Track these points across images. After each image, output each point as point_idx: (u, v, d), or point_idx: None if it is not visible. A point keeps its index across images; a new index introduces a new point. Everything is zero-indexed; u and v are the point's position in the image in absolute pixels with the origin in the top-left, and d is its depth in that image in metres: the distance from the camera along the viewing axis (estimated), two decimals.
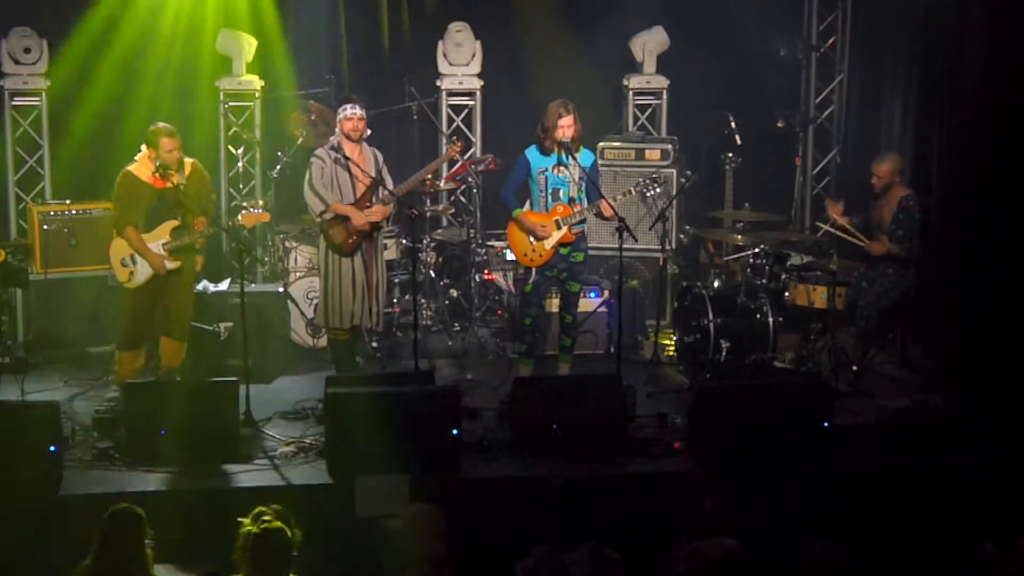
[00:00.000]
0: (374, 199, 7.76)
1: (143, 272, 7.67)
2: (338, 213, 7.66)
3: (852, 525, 6.04)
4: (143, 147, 7.67)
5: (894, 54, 9.44)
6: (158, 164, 7.57)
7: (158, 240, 7.65)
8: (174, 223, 7.69)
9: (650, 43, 10.05)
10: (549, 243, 7.80)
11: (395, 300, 9.27)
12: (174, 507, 6.14)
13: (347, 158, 7.70)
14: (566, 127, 7.67)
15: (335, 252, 7.76)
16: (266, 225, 9.29)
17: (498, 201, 8.19)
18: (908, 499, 6.52)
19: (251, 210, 8.24)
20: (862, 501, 6.45)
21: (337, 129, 7.78)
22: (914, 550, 5.94)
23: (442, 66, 9.98)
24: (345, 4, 10.08)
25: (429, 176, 9.32)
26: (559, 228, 7.78)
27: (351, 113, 7.72)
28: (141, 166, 7.65)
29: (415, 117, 9.57)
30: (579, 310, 8.28)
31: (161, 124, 7.66)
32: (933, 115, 8.61)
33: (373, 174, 7.75)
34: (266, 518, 4.73)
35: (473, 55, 9.96)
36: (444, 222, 9.83)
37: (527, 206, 7.90)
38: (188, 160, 7.78)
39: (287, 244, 9.06)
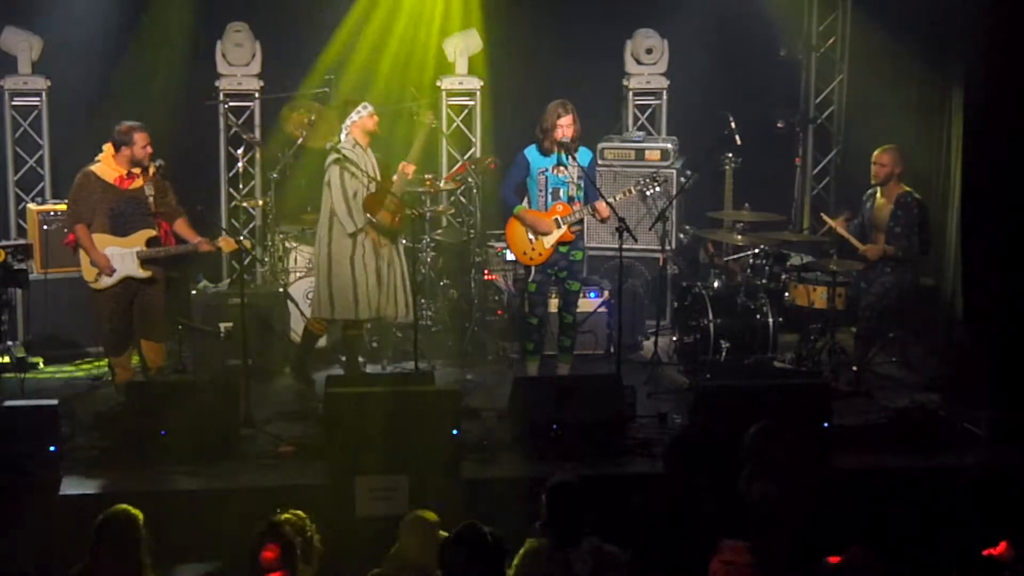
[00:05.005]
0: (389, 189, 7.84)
1: (115, 274, 7.62)
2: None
3: (853, 526, 6.05)
4: (104, 146, 7.61)
5: (894, 54, 9.43)
6: (131, 163, 7.53)
7: (132, 247, 7.59)
8: (151, 233, 7.64)
9: (647, 42, 10.05)
10: (548, 241, 7.81)
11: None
12: (174, 507, 6.15)
13: (364, 152, 7.83)
14: (565, 127, 7.68)
15: (384, 235, 7.82)
16: (266, 225, 9.29)
17: (498, 199, 8.21)
18: (908, 499, 6.51)
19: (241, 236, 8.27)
20: (862, 501, 6.44)
21: (352, 130, 7.80)
22: (918, 551, 5.93)
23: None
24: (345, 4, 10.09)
25: (428, 177, 9.35)
26: (559, 227, 7.79)
27: (372, 111, 7.84)
28: (105, 167, 7.58)
29: (415, 117, 9.57)
30: (579, 310, 8.29)
31: (130, 122, 7.57)
32: (933, 114, 8.61)
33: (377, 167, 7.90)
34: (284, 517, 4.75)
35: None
36: (444, 222, 9.83)
37: (526, 204, 7.90)
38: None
39: (287, 244, 9.06)
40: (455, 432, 6.58)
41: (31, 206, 9.14)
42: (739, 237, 8.74)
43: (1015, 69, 7.55)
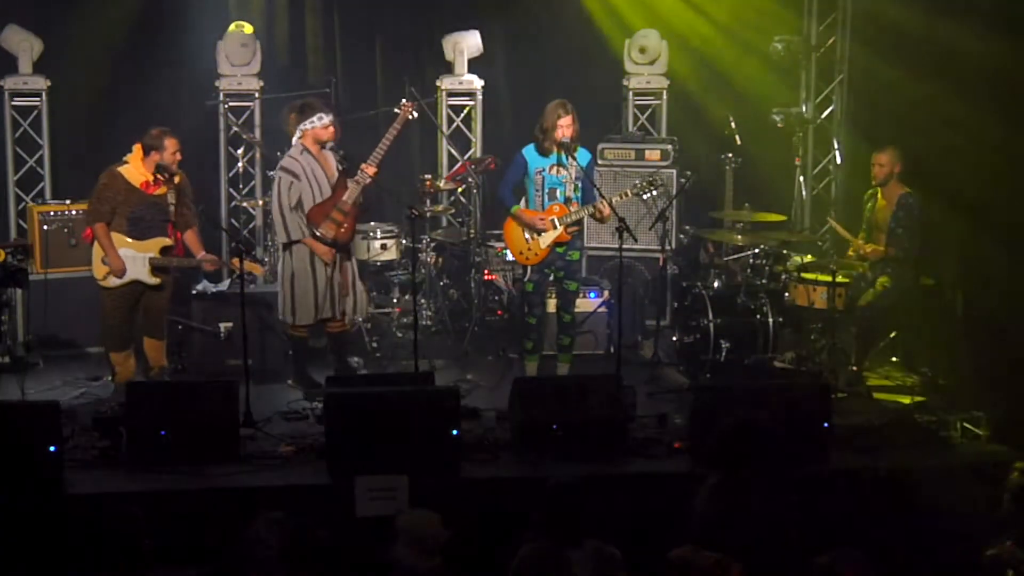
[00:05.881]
0: (350, 185, 7.78)
1: (124, 275, 7.66)
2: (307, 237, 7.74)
3: (853, 526, 6.05)
4: (135, 149, 7.66)
5: (894, 54, 9.42)
6: (159, 166, 7.58)
7: (146, 252, 7.64)
8: (167, 242, 7.70)
9: (650, 44, 10.04)
10: (544, 241, 7.82)
11: (395, 300, 9.28)
12: (174, 507, 6.14)
13: (315, 159, 7.78)
14: (565, 127, 7.69)
15: (334, 247, 7.78)
16: (266, 225, 9.29)
17: (496, 198, 8.22)
18: (908, 499, 6.51)
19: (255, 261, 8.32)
20: (862, 501, 6.44)
21: (304, 137, 7.78)
22: (918, 552, 5.93)
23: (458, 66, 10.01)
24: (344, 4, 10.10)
25: (428, 177, 9.37)
26: (555, 227, 7.80)
27: (328, 122, 7.78)
28: (133, 169, 7.64)
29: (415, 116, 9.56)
30: (579, 310, 8.30)
31: (163, 127, 7.66)
32: (933, 115, 8.60)
33: (336, 170, 7.83)
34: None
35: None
36: (444, 222, 9.83)
37: (523, 204, 7.91)
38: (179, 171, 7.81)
39: None
40: (455, 432, 6.58)
41: (31, 206, 9.14)
42: (739, 237, 8.74)
43: (1012, 67, 7.56)
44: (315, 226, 7.73)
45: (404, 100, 8.16)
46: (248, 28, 9.67)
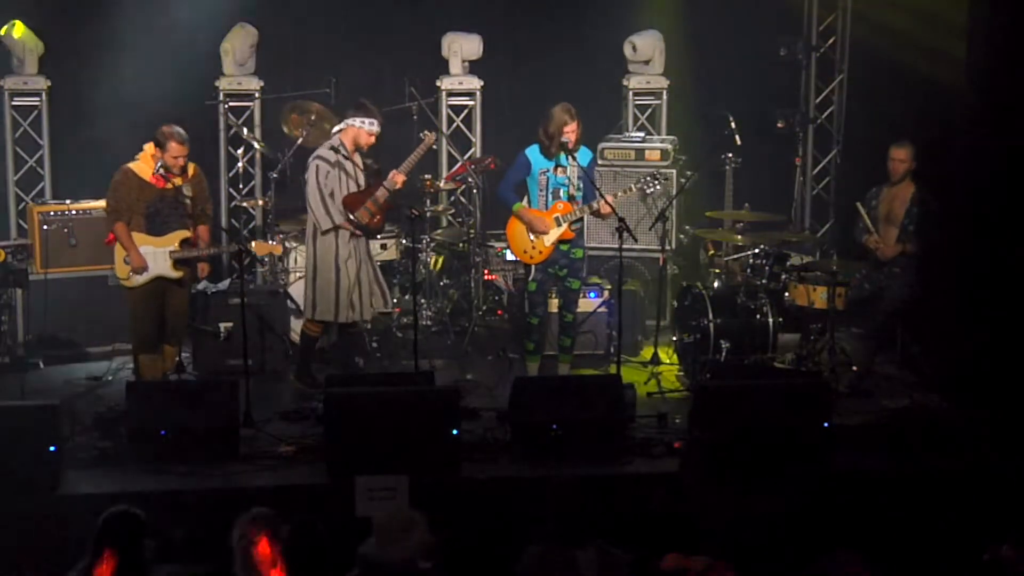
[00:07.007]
0: (380, 189, 7.84)
1: (145, 272, 7.69)
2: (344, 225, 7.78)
3: (853, 527, 6.06)
4: (145, 145, 7.70)
5: (894, 53, 9.42)
6: (160, 164, 7.61)
7: (166, 247, 7.68)
8: (185, 234, 7.73)
9: (643, 43, 10.03)
10: (548, 239, 7.83)
11: (395, 300, 9.27)
12: (174, 507, 6.15)
13: (348, 157, 7.78)
14: (570, 132, 7.72)
15: (365, 233, 7.83)
16: (266, 225, 9.30)
17: (496, 198, 8.23)
18: (908, 500, 6.51)
19: (270, 240, 8.40)
20: (862, 501, 6.44)
21: (345, 133, 7.81)
22: (918, 552, 5.93)
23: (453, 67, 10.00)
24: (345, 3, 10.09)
25: (428, 177, 9.38)
26: (559, 225, 7.81)
27: (376, 131, 7.86)
28: (143, 164, 7.68)
29: (415, 117, 9.57)
30: (579, 310, 8.30)
31: (175, 128, 7.66)
32: (933, 115, 8.61)
33: (367, 174, 7.93)
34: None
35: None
36: (444, 222, 9.83)
37: (524, 203, 7.91)
38: (190, 163, 7.83)
39: (287, 244, 9.06)
40: (455, 432, 6.58)
41: (31, 206, 9.14)
42: (739, 237, 8.74)
43: (1012, 66, 7.56)
44: (351, 210, 7.76)
45: (426, 132, 8.20)
46: (252, 31, 9.67)
